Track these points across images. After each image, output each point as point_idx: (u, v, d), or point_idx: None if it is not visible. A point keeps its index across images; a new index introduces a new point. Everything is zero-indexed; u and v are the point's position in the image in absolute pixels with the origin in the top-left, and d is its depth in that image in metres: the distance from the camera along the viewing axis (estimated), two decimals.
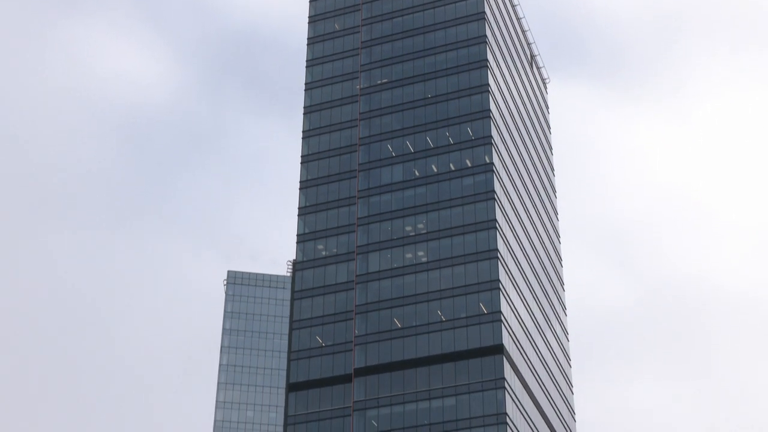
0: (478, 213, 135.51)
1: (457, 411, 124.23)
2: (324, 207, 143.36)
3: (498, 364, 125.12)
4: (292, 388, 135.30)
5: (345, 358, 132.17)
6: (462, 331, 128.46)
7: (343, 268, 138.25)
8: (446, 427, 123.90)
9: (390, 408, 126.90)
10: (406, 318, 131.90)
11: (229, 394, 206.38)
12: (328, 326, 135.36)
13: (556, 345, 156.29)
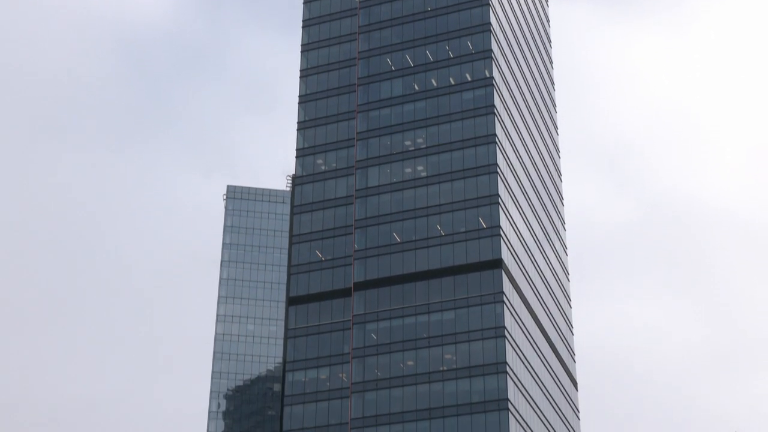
0: (477, 127, 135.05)
1: (456, 324, 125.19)
2: (323, 121, 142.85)
3: (497, 278, 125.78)
4: (292, 302, 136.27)
5: (344, 272, 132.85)
6: (461, 246, 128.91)
7: (343, 183, 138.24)
8: (445, 340, 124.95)
9: (389, 321, 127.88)
10: (405, 232, 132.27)
11: (230, 307, 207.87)
12: (327, 240, 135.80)
13: (555, 260, 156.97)
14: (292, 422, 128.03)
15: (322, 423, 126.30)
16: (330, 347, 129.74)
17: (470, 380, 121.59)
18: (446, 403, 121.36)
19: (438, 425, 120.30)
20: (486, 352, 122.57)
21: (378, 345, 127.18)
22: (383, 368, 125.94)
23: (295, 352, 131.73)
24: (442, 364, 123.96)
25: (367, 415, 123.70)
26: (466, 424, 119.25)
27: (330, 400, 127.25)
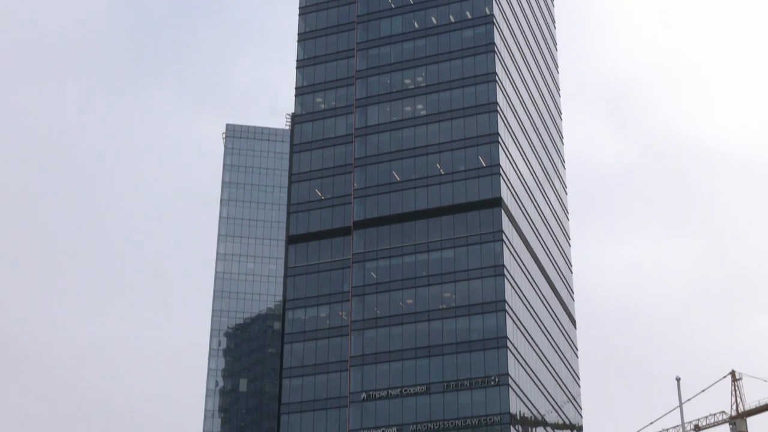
0: (477, 66, 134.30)
1: (455, 263, 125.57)
2: (322, 60, 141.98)
3: (496, 216, 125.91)
4: (291, 241, 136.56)
5: (344, 211, 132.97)
6: (461, 184, 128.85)
7: (342, 122, 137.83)
8: (444, 278, 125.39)
9: (389, 260, 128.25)
10: (405, 171, 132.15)
11: (230, 246, 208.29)
12: (327, 179, 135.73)
13: (555, 198, 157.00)
14: (292, 360, 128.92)
15: (322, 360, 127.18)
16: (330, 285, 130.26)
17: (469, 318, 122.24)
18: (445, 341, 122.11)
19: (437, 363, 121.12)
20: (485, 291, 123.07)
21: (377, 283, 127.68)
22: (383, 306, 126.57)
23: (295, 291, 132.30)
24: (442, 303, 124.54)
25: (366, 353, 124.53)
26: (465, 362, 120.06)
27: (330, 338, 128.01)
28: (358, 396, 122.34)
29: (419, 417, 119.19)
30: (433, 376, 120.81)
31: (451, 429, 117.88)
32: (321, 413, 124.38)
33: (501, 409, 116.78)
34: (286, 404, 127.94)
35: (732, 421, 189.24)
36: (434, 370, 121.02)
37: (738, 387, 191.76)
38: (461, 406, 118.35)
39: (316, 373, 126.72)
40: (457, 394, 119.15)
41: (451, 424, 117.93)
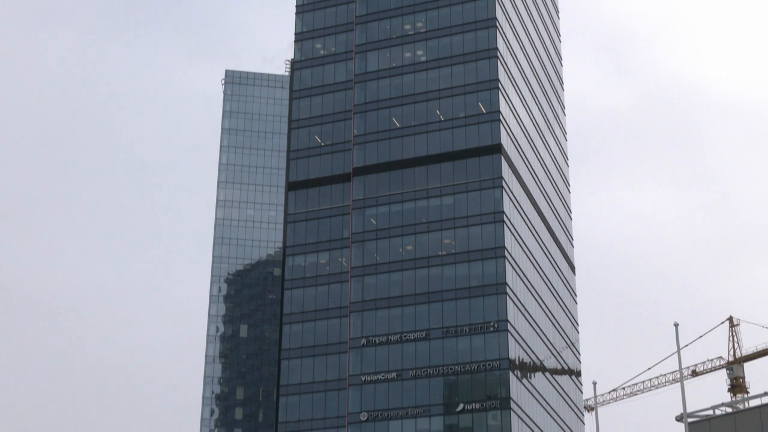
0: (477, 11, 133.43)
1: (455, 209, 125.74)
2: (322, 5, 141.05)
3: (496, 163, 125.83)
4: (291, 187, 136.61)
5: (344, 157, 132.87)
6: (460, 131, 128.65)
7: (342, 67, 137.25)
8: (444, 225, 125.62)
9: (388, 207, 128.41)
10: (404, 117, 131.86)
11: (229, 192, 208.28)
12: (326, 125, 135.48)
13: (555, 145, 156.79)
14: (293, 306, 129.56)
15: (322, 306, 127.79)
16: (329, 232, 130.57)
17: (469, 264, 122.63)
18: (445, 287, 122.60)
19: (437, 309, 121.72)
20: (485, 237, 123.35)
21: (377, 230, 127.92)
22: (382, 253, 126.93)
23: (295, 237, 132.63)
24: (441, 249, 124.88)
25: (366, 299, 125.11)
26: (465, 308, 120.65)
27: (330, 284, 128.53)
28: (358, 342, 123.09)
29: (419, 363, 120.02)
30: (432, 322, 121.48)
31: (451, 374, 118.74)
32: (321, 359, 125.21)
33: (500, 355, 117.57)
34: (286, 350, 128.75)
35: (729, 366, 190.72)
36: (434, 316, 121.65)
37: (735, 333, 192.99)
38: (460, 352, 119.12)
39: (316, 319, 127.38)
40: (456, 339, 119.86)
41: (450, 370, 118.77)
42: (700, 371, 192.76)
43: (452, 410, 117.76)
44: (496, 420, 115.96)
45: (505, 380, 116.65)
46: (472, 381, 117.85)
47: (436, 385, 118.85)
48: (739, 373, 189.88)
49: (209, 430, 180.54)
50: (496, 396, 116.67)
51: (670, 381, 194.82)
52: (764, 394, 65.21)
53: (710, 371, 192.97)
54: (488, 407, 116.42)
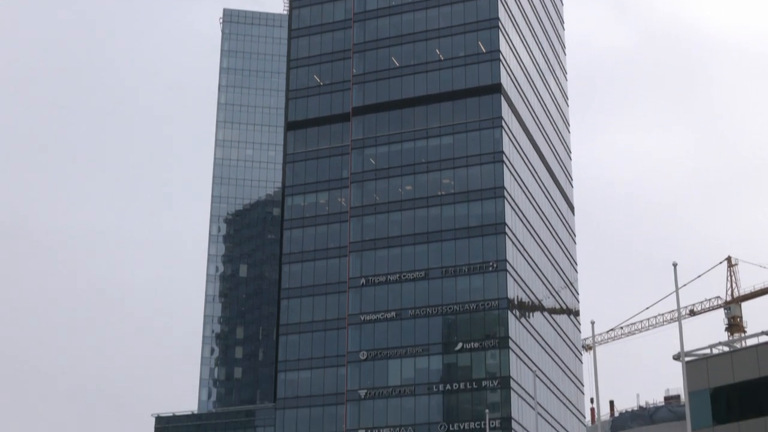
0: None
1: (455, 149, 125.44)
2: None
3: (496, 103, 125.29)
4: (290, 127, 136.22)
5: (343, 97, 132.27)
6: (460, 70, 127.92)
7: (341, 6, 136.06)
8: (443, 165, 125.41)
9: (388, 146, 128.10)
10: (404, 57, 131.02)
11: (228, 132, 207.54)
12: (325, 65, 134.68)
13: (555, 85, 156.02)
14: (292, 246, 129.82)
15: (321, 246, 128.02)
16: (329, 172, 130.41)
17: (468, 204, 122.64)
18: (444, 227, 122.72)
19: (436, 249, 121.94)
20: (484, 177, 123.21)
21: (376, 170, 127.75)
22: (382, 193, 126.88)
23: (294, 177, 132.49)
24: (441, 189, 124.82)
25: (365, 239, 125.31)
26: (464, 248, 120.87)
27: (329, 224, 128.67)
28: (357, 281, 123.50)
29: (418, 302, 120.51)
30: (431, 261, 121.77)
31: (450, 314, 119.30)
32: (320, 298, 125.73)
33: (499, 295, 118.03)
34: (285, 289, 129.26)
35: (727, 306, 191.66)
36: (433, 255, 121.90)
37: (733, 273, 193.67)
38: (459, 292, 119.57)
39: (315, 259, 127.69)
40: (455, 279, 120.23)
41: (449, 309, 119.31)
42: (698, 311, 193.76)
43: (451, 349, 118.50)
44: (495, 359, 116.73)
45: (504, 320, 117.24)
46: (470, 320, 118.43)
47: (435, 325, 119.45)
48: (736, 312, 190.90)
49: (209, 368, 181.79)
50: (495, 335, 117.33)
51: (667, 320, 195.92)
52: (761, 333, 65.57)
53: (708, 311, 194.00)
54: (487, 346, 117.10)
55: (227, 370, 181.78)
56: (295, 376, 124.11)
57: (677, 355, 54.93)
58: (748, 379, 62.42)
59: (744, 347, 66.36)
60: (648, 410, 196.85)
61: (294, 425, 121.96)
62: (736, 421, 62.55)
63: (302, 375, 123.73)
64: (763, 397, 61.70)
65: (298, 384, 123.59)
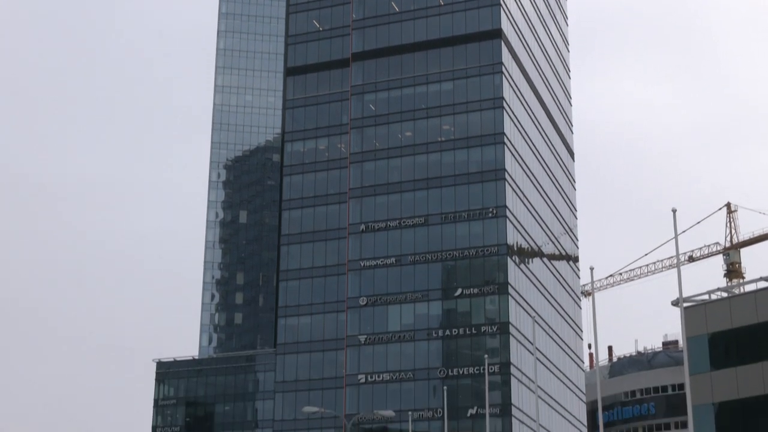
0: None
1: (455, 95, 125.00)
2: None
3: (496, 48, 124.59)
4: (290, 72, 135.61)
5: (342, 43, 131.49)
6: (460, 15, 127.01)
7: None
8: (443, 111, 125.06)
9: (387, 92, 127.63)
10: (404, 1, 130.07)
11: (228, 78, 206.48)
12: (325, 10, 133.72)
13: (555, 30, 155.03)
14: (292, 192, 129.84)
15: (321, 192, 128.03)
16: (328, 118, 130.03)
17: (468, 150, 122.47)
18: (444, 173, 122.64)
19: (435, 195, 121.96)
20: (484, 123, 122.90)
21: (376, 116, 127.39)
22: (381, 139, 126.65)
23: (294, 123, 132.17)
24: (440, 135, 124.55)
25: (365, 185, 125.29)
26: (464, 194, 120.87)
27: (329, 170, 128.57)
28: (357, 227, 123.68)
29: (417, 248, 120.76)
30: (431, 207, 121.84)
31: (449, 260, 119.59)
32: (320, 244, 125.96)
33: (498, 241, 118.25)
34: (285, 235, 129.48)
35: (726, 252, 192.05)
36: (432, 202, 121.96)
37: (733, 219, 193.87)
38: (459, 238, 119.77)
39: (315, 205, 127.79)
40: (455, 225, 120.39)
41: (448, 255, 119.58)
42: (697, 257, 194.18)
43: (450, 295, 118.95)
44: (494, 305, 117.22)
45: (503, 265, 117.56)
46: (470, 266, 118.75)
47: (435, 271, 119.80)
48: (735, 258, 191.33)
49: (210, 314, 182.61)
50: (494, 281, 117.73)
51: (666, 266, 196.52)
52: (760, 279, 65.80)
53: (707, 257, 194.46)
54: (486, 292, 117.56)
55: (228, 316, 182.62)
56: (295, 322, 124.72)
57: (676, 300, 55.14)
58: (746, 325, 62.79)
59: (742, 293, 66.66)
60: (646, 355, 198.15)
61: (294, 370, 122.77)
62: (734, 366, 62.99)
63: (302, 321, 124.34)
64: (760, 342, 62.09)
65: (298, 330, 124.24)
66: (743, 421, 62.14)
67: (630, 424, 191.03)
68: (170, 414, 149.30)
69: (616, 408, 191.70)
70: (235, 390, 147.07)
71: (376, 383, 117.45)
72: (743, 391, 61.76)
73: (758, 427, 61.14)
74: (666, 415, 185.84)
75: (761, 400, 61.06)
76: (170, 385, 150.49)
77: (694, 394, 52.80)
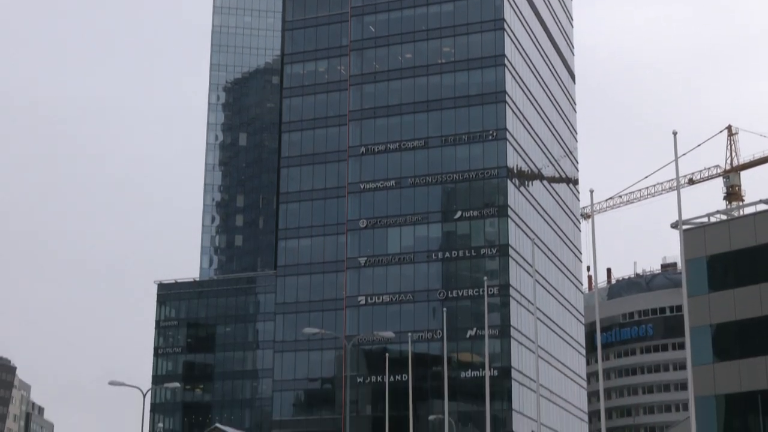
0: None
1: (455, 17, 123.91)
2: None
3: None
4: None
5: None
6: None
7: None
8: (444, 32, 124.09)
9: (387, 14, 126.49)
10: None
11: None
12: None
13: None
14: (291, 114, 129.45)
15: (320, 115, 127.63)
16: (328, 40, 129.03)
17: (468, 73, 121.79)
18: (444, 95, 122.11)
19: (435, 117, 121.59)
20: (485, 45, 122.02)
21: (376, 37, 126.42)
22: (381, 61, 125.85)
23: (293, 45, 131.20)
24: (441, 57, 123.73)
25: (365, 107, 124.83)
26: (464, 116, 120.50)
27: (329, 92, 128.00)
28: (357, 150, 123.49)
29: (417, 171, 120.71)
30: (431, 130, 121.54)
31: (449, 182, 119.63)
32: (320, 167, 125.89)
33: (498, 163, 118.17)
34: (285, 158, 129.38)
35: (726, 174, 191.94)
36: (432, 124, 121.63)
37: (733, 141, 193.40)
38: (459, 160, 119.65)
39: (315, 128, 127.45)
40: (455, 148, 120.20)
41: (448, 178, 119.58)
42: (697, 180, 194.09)
43: (450, 218, 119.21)
44: (494, 227, 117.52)
45: (503, 188, 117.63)
46: (470, 189, 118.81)
47: (435, 193, 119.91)
48: (735, 181, 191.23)
49: (210, 236, 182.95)
50: (494, 204, 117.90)
51: (666, 189, 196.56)
52: (759, 201, 65.89)
53: (707, 179, 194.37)
54: (486, 215, 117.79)
55: (228, 238, 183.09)
56: (296, 244, 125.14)
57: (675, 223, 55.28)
58: (745, 247, 63.05)
59: (741, 216, 66.83)
60: (645, 278, 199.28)
61: (294, 292, 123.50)
62: (732, 288, 63.39)
63: (302, 243, 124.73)
64: (758, 265, 62.41)
65: (299, 252, 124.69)
66: (740, 342, 62.72)
67: (628, 345, 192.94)
68: (172, 335, 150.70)
69: (614, 329, 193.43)
70: (236, 311, 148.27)
71: (376, 305, 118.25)
72: (740, 313, 62.25)
73: (754, 349, 61.74)
74: (664, 337, 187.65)
75: (758, 322, 61.59)
76: (171, 306, 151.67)
77: (692, 316, 53.22)
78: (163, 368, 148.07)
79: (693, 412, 49.36)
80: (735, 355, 62.47)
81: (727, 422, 63.40)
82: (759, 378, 60.73)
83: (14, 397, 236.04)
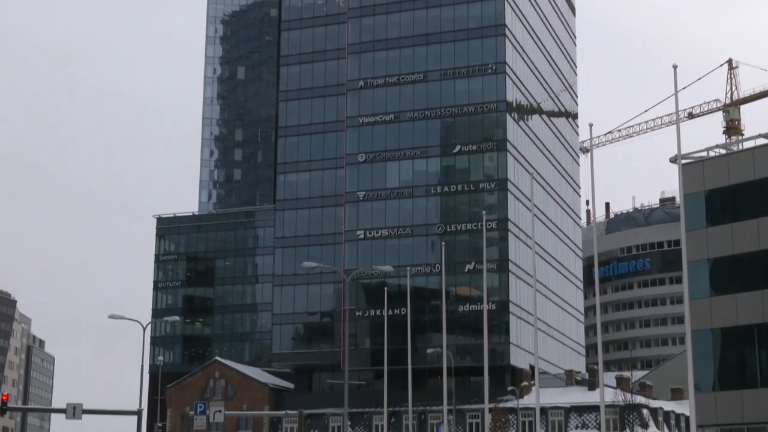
0: None
1: None
2: None
3: None
4: None
5: None
6: None
7: None
8: None
9: None
10: None
11: None
12: None
13: None
14: (290, 47, 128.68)
15: (319, 48, 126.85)
16: None
17: (468, 6, 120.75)
18: (443, 28, 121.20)
19: (434, 51, 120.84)
20: None
21: None
22: None
23: None
24: None
25: (364, 41, 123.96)
26: (463, 50, 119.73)
27: (327, 25, 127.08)
28: (356, 84, 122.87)
29: (416, 105, 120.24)
30: (430, 63, 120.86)
31: (448, 116, 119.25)
32: (319, 101, 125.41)
33: (497, 97, 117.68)
34: (284, 92, 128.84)
35: (725, 108, 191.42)
36: (431, 57, 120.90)
37: (734, 75, 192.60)
38: (458, 94, 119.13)
39: (313, 61, 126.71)
40: (454, 81, 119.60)
41: (447, 112, 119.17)
42: (697, 114, 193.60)
43: (449, 152, 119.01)
44: (493, 161, 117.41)
45: (502, 122, 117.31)
46: (469, 123, 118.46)
47: (434, 127, 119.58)
48: (735, 115, 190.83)
49: (209, 170, 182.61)
50: (493, 138, 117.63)
51: (666, 123, 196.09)
52: (758, 135, 65.70)
53: (707, 113, 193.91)
54: (485, 149, 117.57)
55: (227, 172, 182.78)
56: (294, 178, 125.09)
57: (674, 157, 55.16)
58: (743, 182, 62.98)
59: (740, 150, 66.66)
60: (643, 212, 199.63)
61: (293, 226, 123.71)
62: (730, 222, 63.45)
63: (301, 177, 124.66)
64: (757, 199, 62.40)
65: (297, 186, 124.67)
66: (737, 277, 62.96)
67: (625, 279, 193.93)
68: (171, 269, 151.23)
69: (612, 263, 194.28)
70: (235, 245, 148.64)
71: (374, 239, 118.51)
72: (738, 247, 62.38)
73: (751, 283, 61.98)
74: (661, 271, 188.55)
75: (755, 256, 61.76)
76: (171, 240, 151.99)
77: (690, 250, 53.28)
78: (162, 302, 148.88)
79: (689, 346, 49.73)
80: (732, 289, 62.72)
81: (723, 355, 63.87)
82: (755, 312, 61.06)
83: (15, 330, 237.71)
